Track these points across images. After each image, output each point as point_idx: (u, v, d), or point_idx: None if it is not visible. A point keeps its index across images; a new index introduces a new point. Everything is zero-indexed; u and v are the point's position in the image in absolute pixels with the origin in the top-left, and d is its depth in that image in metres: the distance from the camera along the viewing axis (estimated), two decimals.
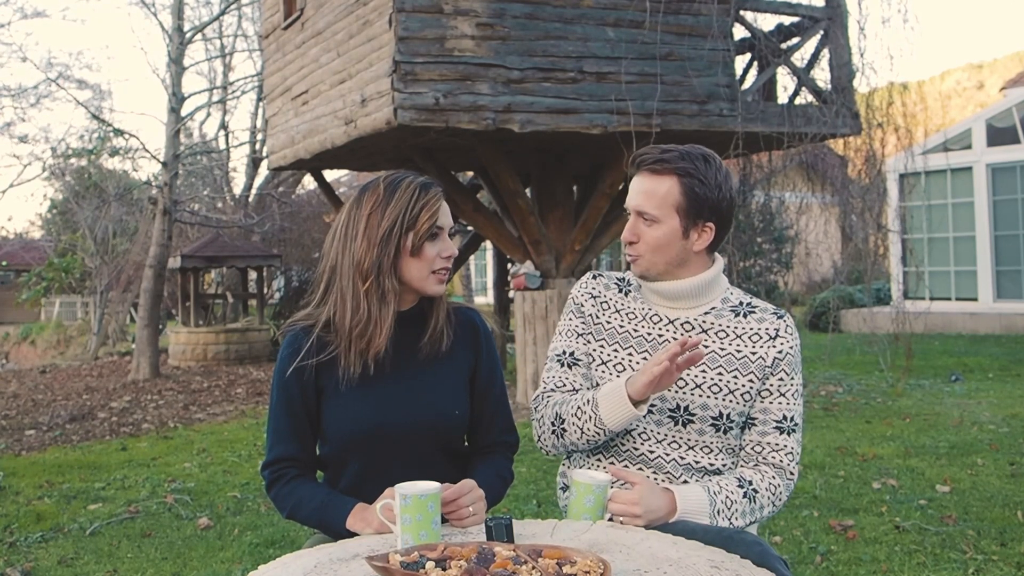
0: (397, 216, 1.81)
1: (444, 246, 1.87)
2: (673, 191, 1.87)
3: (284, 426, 1.88)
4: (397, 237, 1.81)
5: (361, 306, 1.81)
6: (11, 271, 27.36)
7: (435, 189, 1.86)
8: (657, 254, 1.90)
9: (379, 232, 1.80)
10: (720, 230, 1.92)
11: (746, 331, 1.93)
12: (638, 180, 1.92)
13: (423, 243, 1.83)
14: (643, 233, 1.90)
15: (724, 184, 1.89)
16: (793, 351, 1.94)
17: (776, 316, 1.95)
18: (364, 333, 1.80)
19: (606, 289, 2.03)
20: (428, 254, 1.84)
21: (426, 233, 1.83)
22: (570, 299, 2.08)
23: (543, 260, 8.10)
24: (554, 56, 7.21)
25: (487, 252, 20.49)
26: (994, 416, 6.77)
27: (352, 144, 7.78)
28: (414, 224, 1.82)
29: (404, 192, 1.83)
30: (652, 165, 1.89)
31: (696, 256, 1.93)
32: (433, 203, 1.84)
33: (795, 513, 4.42)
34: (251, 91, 17.79)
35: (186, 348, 13.95)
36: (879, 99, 8.55)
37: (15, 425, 8.46)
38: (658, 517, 1.76)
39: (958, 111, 35.60)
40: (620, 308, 2.00)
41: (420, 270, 1.84)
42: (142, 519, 4.87)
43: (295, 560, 1.58)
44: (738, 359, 1.91)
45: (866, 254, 9.82)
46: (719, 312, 1.95)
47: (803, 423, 1.98)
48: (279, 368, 1.88)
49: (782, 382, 1.93)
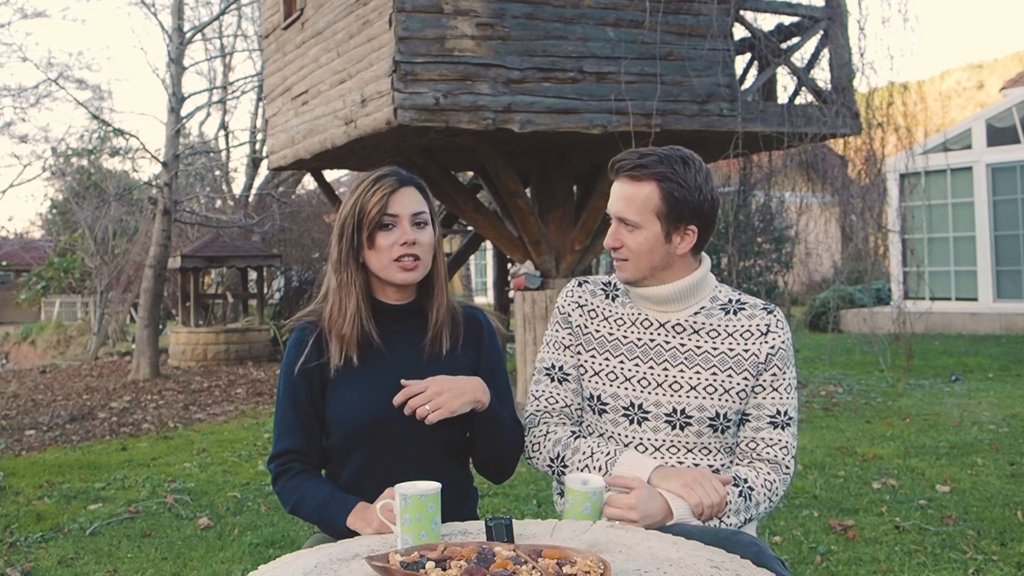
0: (350, 210, 1.87)
1: (400, 234, 1.86)
2: (653, 196, 1.87)
3: (290, 419, 1.91)
4: (351, 230, 1.86)
5: (333, 298, 1.89)
6: (11, 271, 27.38)
7: (389, 179, 1.87)
8: (642, 259, 1.90)
9: (340, 227, 1.88)
10: (703, 231, 1.91)
11: (737, 329, 1.93)
12: (618, 186, 1.91)
13: (374, 233, 1.85)
14: (625, 239, 1.90)
15: (704, 186, 1.88)
16: (785, 345, 1.94)
17: (766, 311, 1.95)
18: (342, 324, 1.87)
19: (592, 296, 2.02)
20: (381, 244, 1.86)
21: (373, 223, 1.84)
22: (556, 309, 2.06)
23: (543, 260, 8.10)
24: (554, 56, 7.21)
25: (487, 252, 20.47)
26: (994, 416, 6.77)
27: (352, 144, 7.78)
28: (363, 216, 1.85)
29: (360, 186, 1.88)
30: (631, 171, 1.88)
31: (681, 259, 1.92)
32: (381, 191, 1.85)
33: (795, 513, 4.42)
34: (251, 91, 17.80)
35: (186, 348, 13.95)
36: (879, 99, 8.55)
37: (15, 425, 8.46)
38: (655, 521, 1.76)
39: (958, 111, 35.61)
40: (608, 315, 1.99)
41: (379, 260, 1.87)
42: (142, 519, 4.87)
43: (295, 560, 1.58)
44: (731, 357, 1.91)
45: (866, 254, 9.82)
46: (709, 311, 1.95)
47: (798, 417, 1.98)
48: (286, 362, 1.92)
49: (775, 377, 1.93)
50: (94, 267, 18.22)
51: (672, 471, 1.84)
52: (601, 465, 1.88)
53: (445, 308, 1.93)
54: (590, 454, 1.91)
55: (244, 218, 16.43)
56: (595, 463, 1.89)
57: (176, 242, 15.46)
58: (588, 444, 1.93)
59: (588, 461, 1.90)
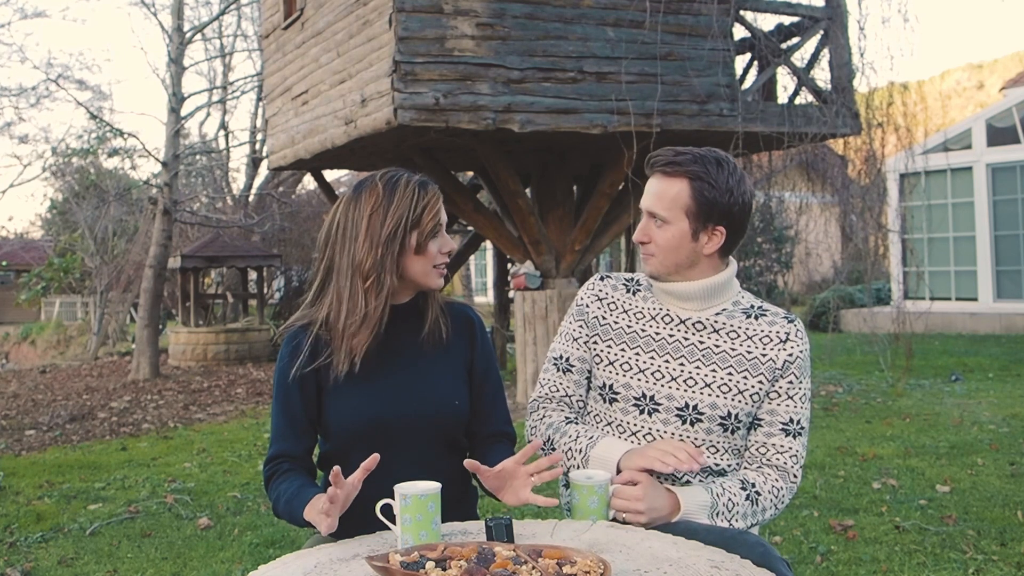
0: (402, 216, 1.85)
1: (444, 242, 1.93)
2: (683, 194, 1.88)
3: (283, 424, 1.91)
4: (402, 236, 1.86)
5: (359, 304, 1.85)
6: (11, 271, 27.38)
7: (433, 187, 1.92)
8: (668, 255, 1.91)
9: (383, 232, 1.84)
10: (732, 234, 1.92)
11: (757, 333, 1.93)
12: (652, 181, 1.93)
13: (427, 241, 1.88)
14: (654, 234, 1.92)
15: (736, 188, 1.89)
16: (803, 355, 1.94)
17: (787, 320, 1.96)
18: (357, 330, 1.85)
19: (613, 290, 2.04)
20: (431, 251, 1.90)
21: (431, 232, 1.88)
22: (575, 301, 2.09)
23: (543, 260, 8.10)
24: (554, 56, 7.21)
25: (487, 252, 20.48)
26: (994, 416, 6.77)
27: (352, 144, 7.78)
28: (418, 223, 1.87)
29: (405, 192, 1.87)
30: (664, 167, 1.90)
31: (707, 259, 1.93)
32: (434, 202, 1.90)
33: (795, 513, 4.42)
34: (251, 91, 17.81)
35: (186, 348, 13.95)
36: (879, 99, 8.55)
37: (15, 425, 8.46)
38: (661, 516, 1.77)
39: (958, 111, 35.61)
40: (628, 308, 2.01)
41: (423, 266, 1.90)
42: (142, 519, 4.87)
43: (295, 560, 1.58)
44: (748, 360, 1.91)
45: (866, 254, 9.82)
46: (731, 313, 1.96)
47: (809, 428, 1.98)
48: (279, 368, 1.92)
49: (791, 385, 1.93)
50: (94, 267, 18.22)
51: (637, 448, 1.85)
52: (582, 447, 1.91)
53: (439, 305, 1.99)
54: (575, 437, 1.94)
55: (244, 218, 16.44)
56: (578, 445, 1.92)
57: (176, 242, 15.46)
58: (576, 428, 1.97)
59: (572, 444, 1.93)
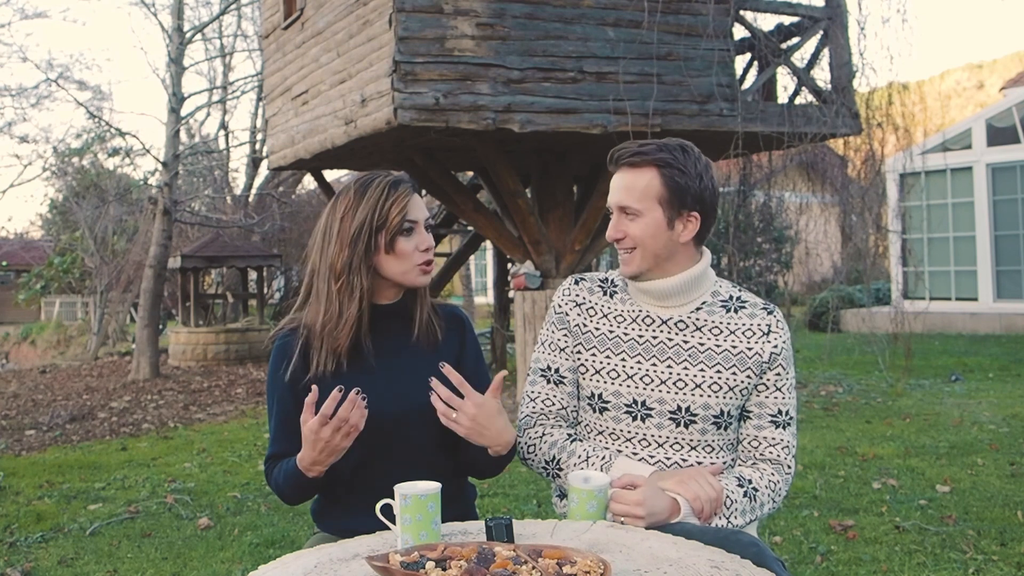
0: (367, 215, 1.87)
1: (420, 239, 1.91)
2: (654, 183, 1.86)
3: (279, 426, 1.94)
4: (368, 236, 1.87)
5: (332, 304, 1.87)
6: (11, 271, 27.38)
7: (404, 185, 1.91)
8: (647, 247, 1.88)
9: (350, 232, 1.86)
10: (705, 220, 1.90)
11: (739, 327, 1.93)
12: (618, 177, 1.91)
13: (395, 239, 1.88)
14: (628, 228, 1.89)
15: (704, 173, 1.88)
16: (787, 346, 1.95)
17: (766, 311, 1.95)
18: (335, 331, 1.87)
19: (590, 294, 2.00)
20: (404, 249, 1.89)
21: (397, 229, 1.88)
22: (552, 308, 2.03)
23: (543, 260, 8.10)
24: (554, 56, 7.21)
25: (487, 252, 20.47)
26: (994, 416, 6.77)
27: (352, 144, 7.79)
28: (385, 222, 1.87)
29: (373, 191, 1.88)
30: (630, 159, 1.88)
31: (683, 248, 1.91)
32: (402, 199, 1.89)
33: (795, 513, 4.42)
34: (251, 91, 17.80)
35: (186, 348, 13.95)
36: (879, 99, 8.56)
37: (15, 425, 8.46)
38: (661, 519, 1.76)
39: (958, 111, 35.61)
40: (608, 312, 1.97)
41: (400, 265, 1.90)
42: (142, 519, 4.87)
43: (295, 560, 1.58)
44: (735, 355, 1.91)
45: (866, 254, 9.82)
46: (710, 308, 1.94)
47: (797, 416, 1.99)
48: (270, 371, 1.96)
49: (779, 377, 1.93)
50: (94, 267, 18.21)
51: (666, 472, 1.84)
52: (597, 470, 1.87)
53: (428, 304, 1.99)
54: (585, 458, 1.90)
55: (244, 218, 16.44)
56: (591, 467, 1.89)
57: (176, 242, 15.45)
58: (584, 448, 1.93)
59: (584, 465, 1.89)
